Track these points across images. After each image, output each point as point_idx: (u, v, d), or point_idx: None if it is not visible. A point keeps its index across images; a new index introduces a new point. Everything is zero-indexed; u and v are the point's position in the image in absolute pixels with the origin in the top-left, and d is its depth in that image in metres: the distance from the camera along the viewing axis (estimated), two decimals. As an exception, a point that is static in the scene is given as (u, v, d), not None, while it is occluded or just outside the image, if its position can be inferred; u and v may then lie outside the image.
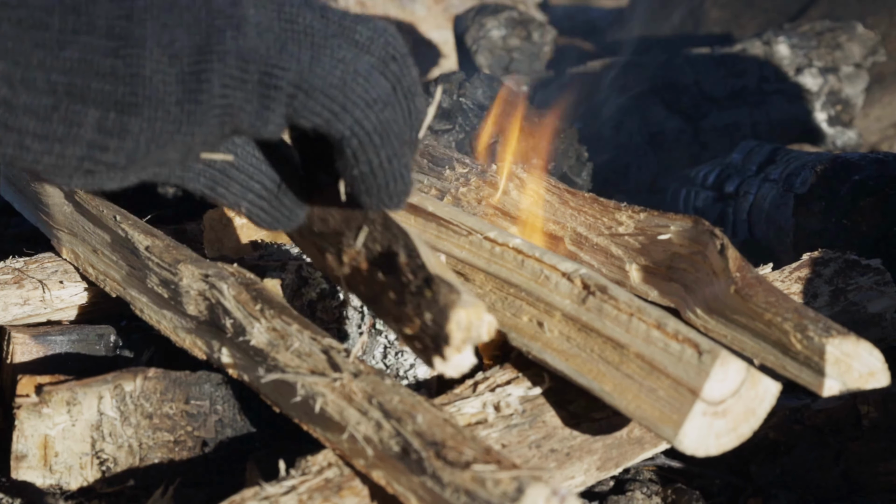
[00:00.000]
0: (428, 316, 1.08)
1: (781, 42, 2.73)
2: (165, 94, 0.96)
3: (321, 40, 1.01)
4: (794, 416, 1.38)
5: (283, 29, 1.00)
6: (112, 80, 0.94)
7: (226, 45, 0.97)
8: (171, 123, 0.97)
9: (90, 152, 0.96)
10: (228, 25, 0.97)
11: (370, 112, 1.01)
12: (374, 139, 1.02)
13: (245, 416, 1.32)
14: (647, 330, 1.17)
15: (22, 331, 1.44)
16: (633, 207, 1.45)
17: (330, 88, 1.00)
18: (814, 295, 1.46)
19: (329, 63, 1.00)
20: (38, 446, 1.28)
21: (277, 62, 0.99)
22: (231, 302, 1.27)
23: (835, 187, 1.82)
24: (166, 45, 0.95)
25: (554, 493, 0.98)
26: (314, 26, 1.01)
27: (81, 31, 0.93)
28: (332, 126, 1.01)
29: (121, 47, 0.94)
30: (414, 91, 1.06)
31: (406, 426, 1.07)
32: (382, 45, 1.04)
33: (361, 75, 1.01)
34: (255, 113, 1.00)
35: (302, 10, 1.01)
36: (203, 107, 0.97)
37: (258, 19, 0.99)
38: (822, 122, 2.69)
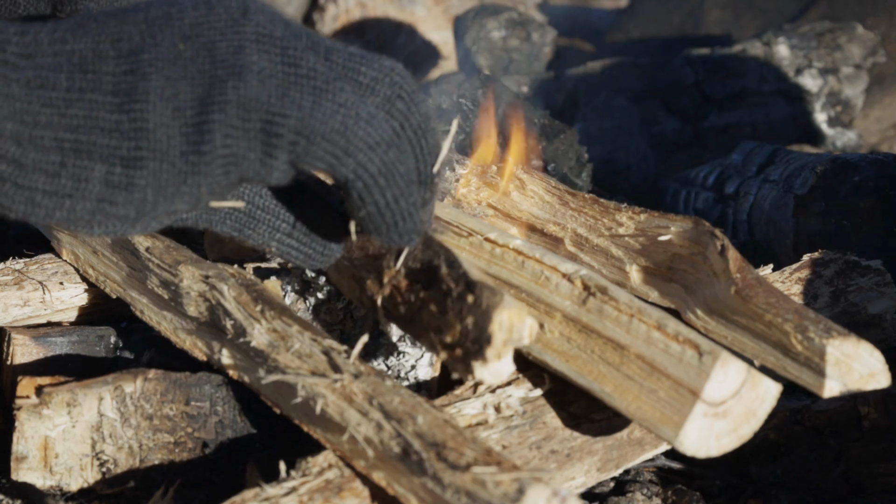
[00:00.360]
0: (470, 320, 1.09)
1: (781, 43, 2.73)
2: (170, 147, 0.97)
3: (323, 84, 1.01)
4: (794, 418, 1.38)
5: (285, 73, 1.00)
6: (117, 136, 0.96)
7: (227, 96, 0.98)
8: (177, 175, 0.98)
9: (100, 206, 0.97)
10: (230, 74, 0.98)
11: (374, 155, 1.02)
12: (380, 181, 1.03)
13: (245, 418, 1.32)
14: (648, 331, 1.17)
15: (22, 332, 1.44)
16: (634, 208, 1.45)
17: (332, 133, 1.00)
18: (814, 296, 1.46)
19: (331, 108, 1.00)
20: (39, 447, 1.28)
21: (279, 110, 0.99)
22: (231, 303, 1.27)
23: (835, 188, 1.82)
24: (169, 98, 0.97)
25: (555, 494, 0.98)
26: (317, 69, 1.01)
27: (88, 88, 0.95)
28: (336, 170, 1.02)
29: (125, 102, 0.96)
30: (424, 128, 1.06)
31: (407, 427, 1.07)
32: (388, 85, 1.04)
33: (363, 118, 1.01)
34: (259, 161, 1.00)
35: (306, 54, 1.02)
36: (206, 157, 0.98)
37: (261, 65, 0.99)
38: (822, 122, 2.69)
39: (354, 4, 3.46)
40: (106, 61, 0.96)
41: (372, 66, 1.05)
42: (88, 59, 0.96)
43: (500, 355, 1.09)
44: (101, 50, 0.96)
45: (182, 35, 0.99)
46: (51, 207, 0.96)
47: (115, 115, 0.96)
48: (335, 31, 3.45)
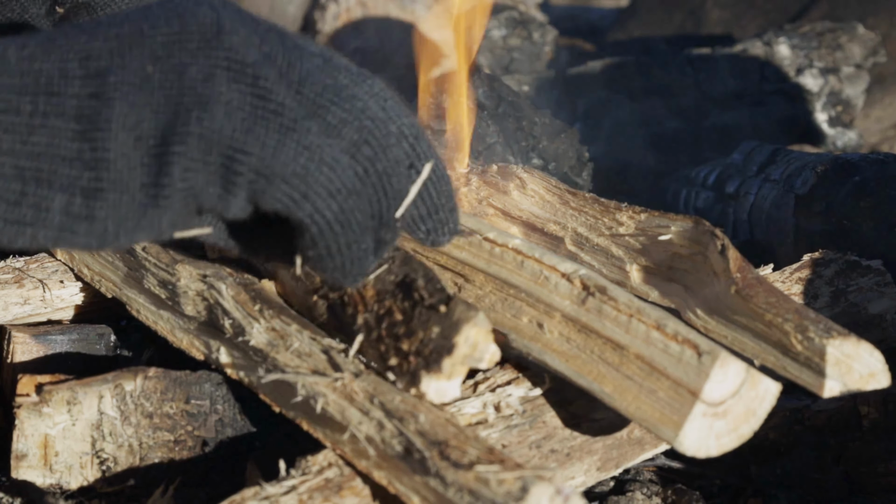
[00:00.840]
0: (435, 329, 1.09)
1: (782, 43, 2.73)
2: (130, 179, 0.95)
3: (290, 123, 0.99)
4: (794, 417, 1.38)
5: (253, 107, 0.98)
6: (78, 165, 0.94)
7: (190, 127, 0.96)
8: (137, 208, 0.96)
9: (61, 235, 0.96)
10: (196, 105, 0.96)
11: (332, 202, 1.00)
12: (335, 227, 1.02)
13: (245, 416, 1.32)
14: (647, 331, 1.17)
15: (22, 330, 1.44)
16: (634, 208, 1.45)
17: (292, 177, 0.99)
18: (814, 296, 1.46)
19: (294, 149, 0.99)
20: (39, 446, 1.28)
21: (241, 146, 0.97)
22: (230, 302, 1.27)
23: (835, 188, 1.82)
24: (132, 128, 0.95)
25: (558, 492, 0.98)
26: (286, 105, 0.99)
27: (51, 113, 0.94)
28: (292, 212, 1.00)
29: (87, 130, 0.94)
30: (389, 173, 1.04)
31: (408, 426, 1.07)
32: (356, 129, 1.03)
33: (327, 163, 1.00)
34: (218, 196, 0.99)
35: (277, 86, 1.00)
36: (166, 191, 0.96)
37: (229, 97, 0.98)
38: (823, 122, 2.69)
39: (355, 3, 3.46)
40: (72, 82, 0.95)
41: (343, 105, 1.03)
42: (55, 79, 0.94)
43: (453, 374, 1.10)
44: (67, 70, 0.95)
45: (152, 55, 0.97)
46: (12, 235, 0.95)
47: (76, 143, 0.94)
48: (336, 29, 3.45)
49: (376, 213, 1.05)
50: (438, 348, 1.09)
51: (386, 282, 1.16)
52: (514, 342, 1.27)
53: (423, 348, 1.10)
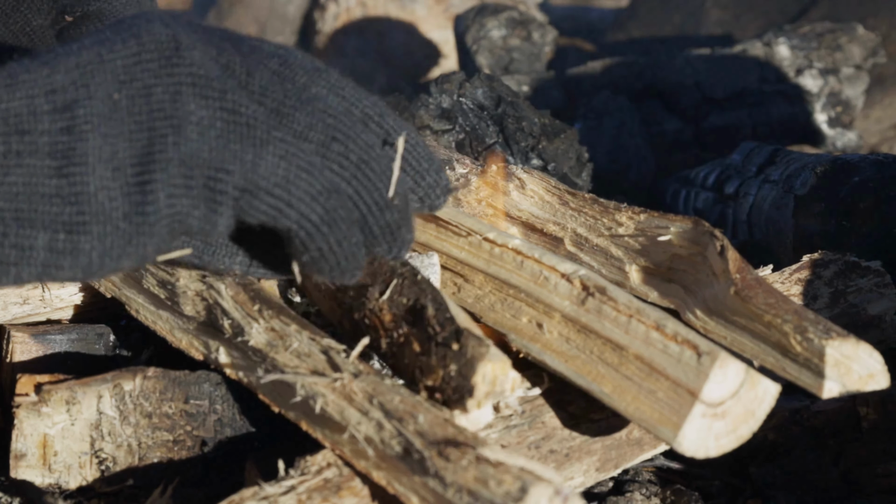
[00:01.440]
0: (453, 367, 1.10)
1: (782, 43, 2.73)
2: (112, 210, 0.95)
3: (264, 135, 1.00)
4: (793, 418, 1.38)
5: (224, 122, 0.99)
6: (58, 202, 0.94)
7: (167, 153, 0.96)
8: (121, 238, 0.97)
9: (45, 270, 0.96)
10: (169, 128, 0.97)
11: (315, 205, 1.02)
12: (322, 228, 1.03)
13: (244, 416, 1.32)
14: (647, 331, 1.17)
15: (21, 330, 1.44)
16: (634, 208, 1.45)
17: (274, 188, 1.00)
18: (814, 297, 1.46)
19: (272, 161, 1.00)
20: (38, 445, 1.28)
21: (221, 165, 0.98)
22: (229, 302, 1.27)
23: (835, 189, 1.82)
24: (108, 158, 0.95)
25: (557, 492, 0.98)
26: (257, 118, 1.00)
27: (25, 152, 0.93)
28: (279, 222, 1.01)
29: (64, 166, 0.94)
30: (365, 159, 1.05)
31: (408, 426, 1.07)
32: (321, 130, 1.04)
33: (304, 169, 1.01)
34: (203, 217, 0.99)
35: (242, 99, 1.00)
36: (151, 218, 0.97)
37: (199, 115, 0.98)
38: (823, 123, 2.69)
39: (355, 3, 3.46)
40: (41, 118, 0.94)
41: (305, 109, 1.04)
42: (24, 117, 0.94)
43: (481, 405, 1.10)
44: (35, 106, 0.94)
45: (116, 80, 0.97)
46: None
47: (54, 179, 0.94)
48: (336, 29, 3.45)
49: (367, 202, 1.06)
50: (459, 388, 1.10)
51: (399, 305, 1.16)
52: (513, 342, 1.27)
53: (446, 387, 1.11)
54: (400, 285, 1.17)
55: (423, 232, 1.41)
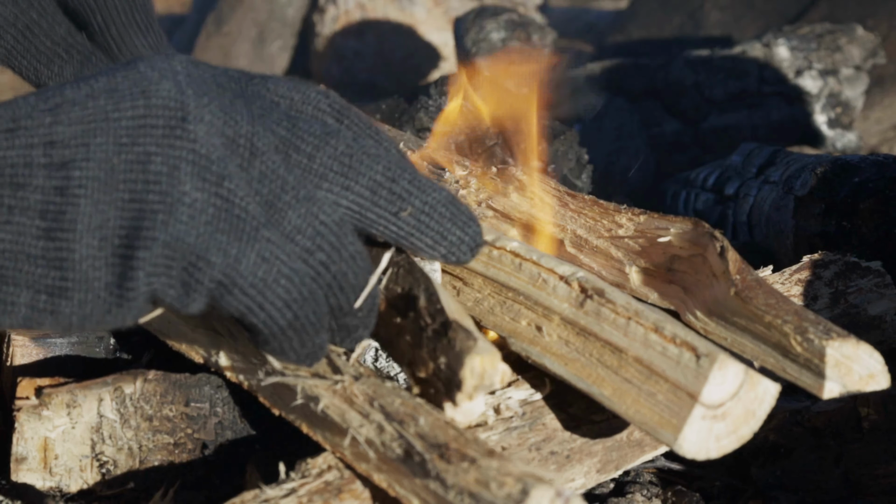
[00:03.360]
0: (443, 360, 1.09)
1: (781, 44, 2.73)
2: (94, 280, 0.96)
3: (252, 231, 1.00)
4: (794, 419, 1.38)
5: (216, 210, 0.99)
6: (43, 264, 0.95)
7: (155, 232, 0.96)
8: (101, 307, 0.97)
9: (27, 323, 0.97)
10: (161, 206, 0.97)
11: (287, 311, 1.02)
12: (288, 332, 1.03)
13: (245, 419, 1.32)
14: (645, 333, 1.17)
15: (22, 333, 1.44)
16: (633, 210, 1.45)
17: (249, 288, 1.00)
18: (814, 297, 1.46)
19: (254, 261, 0.99)
20: (38, 448, 1.28)
21: (204, 254, 0.98)
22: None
23: (835, 189, 1.82)
24: (97, 228, 0.95)
25: (558, 494, 0.98)
26: (248, 211, 1.00)
27: (16, 209, 0.94)
28: (246, 318, 1.01)
29: (53, 229, 0.95)
30: (344, 272, 1.05)
31: (408, 429, 1.07)
32: (310, 237, 1.03)
33: (284, 275, 1.01)
34: (178, 298, 0.99)
35: (238, 187, 1.00)
36: (131, 293, 0.97)
37: (193, 197, 0.98)
38: (822, 124, 2.69)
39: (354, 6, 3.46)
40: (36, 172, 0.94)
41: (298, 210, 1.03)
42: (20, 169, 0.94)
43: (472, 398, 1.09)
44: (32, 157, 0.95)
45: (117, 142, 0.96)
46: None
47: (41, 241, 0.95)
48: (335, 32, 3.46)
49: (334, 308, 1.07)
50: (448, 382, 1.09)
51: (394, 293, 1.16)
52: (513, 345, 1.27)
53: (436, 380, 1.11)
54: (395, 274, 1.16)
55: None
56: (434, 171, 1.65)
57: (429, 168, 1.66)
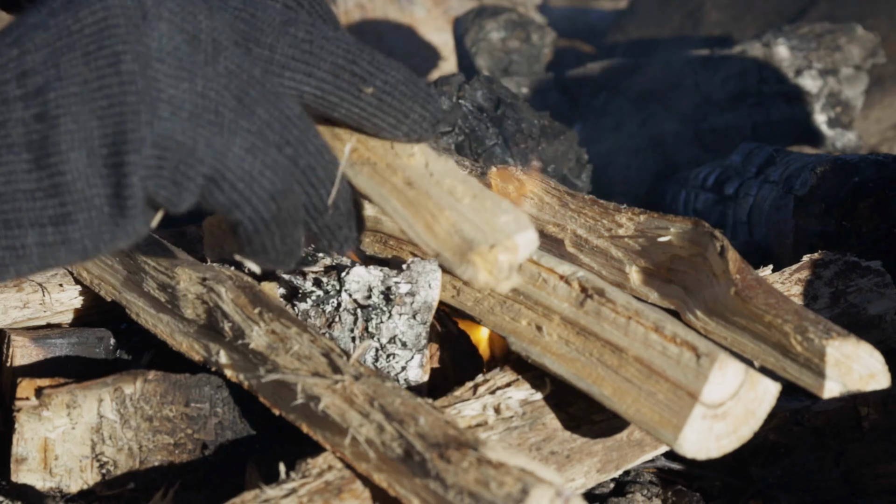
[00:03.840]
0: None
1: (781, 44, 2.73)
2: (93, 197, 0.95)
3: (231, 124, 0.99)
4: (794, 418, 1.38)
5: (194, 105, 0.98)
6: (40, 196, 0.94)
7: (140, 132, 0.95)
8: (108, 221, 0.97)
9: (43, 263, 0.97)
10: (142, 105, 0.95)
11: (272, 204, 1.02)
12: (271, 227, 1.03)
13: (245, 419, 1.32)
14: (646, 333, 1.17)
15: (22, 334, 1.44)
16: (633, 209, 1.45)
17: (238, 182, 1.00)
18: (814, 297, 1.46)
19: (239, 154, 0.99)
20: (38, 449, 1.28)
21: (193, 150, 0.97)
22: (229, 305, 1.27)
23: (835, 189, 1.82)
24: (82, 142, 0.94)
25: (558, 494, 0.98)
26: (225, 104, 0.99)
27: (2, 148, 0.93)
28: (232, 213, 1.01)
29: (40, 157, 0.94)
30: (312, 166, 1.05)
31: (408, 428, 1.07)
32: (278, 131, 1.03)
33: (269, 167, 1.01)
34: (169, 198, 0.99)
35: (211, 82, 0.99)
36: (130, 201, 0.96)
37: (171, 93, 0.97)
38: (822, 123, 2.69)
39: (354, 5, 3.46)
40: (14, 106, 0.94)
41: (265, 105, 1.02)
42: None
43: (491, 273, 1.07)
44: (7, 93, 0.94)
45: (84, 53, 0.95)
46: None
47: (33, 173, 0.94)
48: (335, 32, 3.45)
49: (308, 206, 1.06)
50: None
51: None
52: (513, 345, 1.27)
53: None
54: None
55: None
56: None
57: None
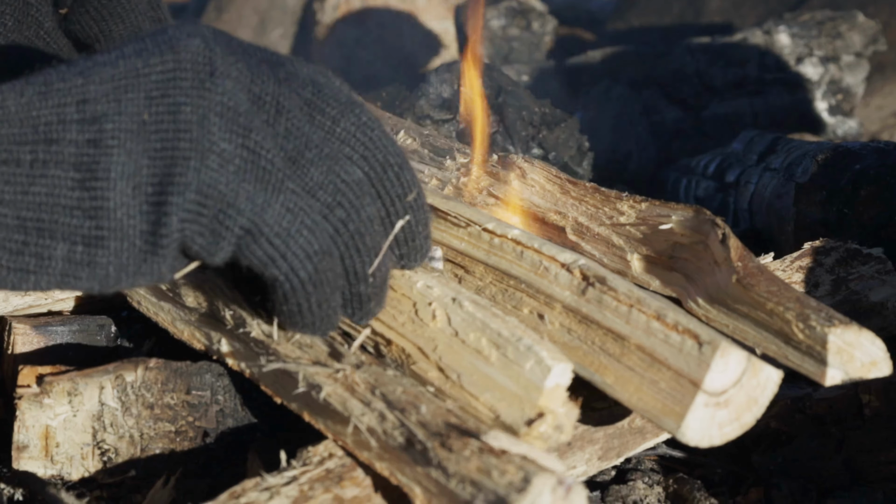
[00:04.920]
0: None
1: (782, 31, 2.72)
2: (129, 227, 0.97)
3: (277, 183, 1.02)
4: (795, 406, 1.38)
5: (243, 160, 1.00)
6: (79, 214, 0.96)
7: (187, 178, 0.98)
8: (138, 255, 0.99)
9: (64, 280, 0.98)
10: (192, 151, 0.98)
11: (308, 263, 1.04)
12: (308, 287, 1.05)
13: (246, 407, 1.32)
14: (647, 321, 1.17)
15: (23, 321, 1.44)
16: (635, 197, 1.45)
17: (275, 237, 1.02)
18: (815, 284, 1.46)
19: (280, 211, 1.01)
20: (40, 437, 1.28)
21: (233, 202, 1.00)
22: (230, 293, 1.27)
23: (836, 176, 1.82)
24: (130, 176, 0.97)
25: (560, 482, 0.98)
26: (274, 163, 1.02)
27: (50, 163, 0.95)
28: (268, 270, 1.03)
29: (87, 179, 0.96)
30: (362, 232, 1.07)
31: (410, 417, 1.07)
32: (331, 192, 1.05)
33: (307, 226, 1.03)
34: (206, 247, 1.01)
35: (265, 140, 1.02)
36: (165, 240, 0.98)
37: (222, 147, 0.99)
38: (823, 111, 2.69)
39: (357, -7, 3.45)
40: (69, 127, 0.96)
41: (320, 167, 1.05)
42: (53, 125, 0.96)
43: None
44: (65, 115, 0.96)
45: (147, 96, 0.98)
46: (16, 282, 0.98)
47: (76, 192, 0.96)
48: (336, 20, 3.45)
49: (349, 271, 1.09)
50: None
51: None
52: (515, 332, 1.27)
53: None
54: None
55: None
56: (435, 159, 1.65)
57: (430, 155, 1.66)
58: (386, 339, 1.20)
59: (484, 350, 1.14)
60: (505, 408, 1.11)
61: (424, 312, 1.19)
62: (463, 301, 1.18)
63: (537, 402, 1.10)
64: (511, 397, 1.11)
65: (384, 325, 1.21)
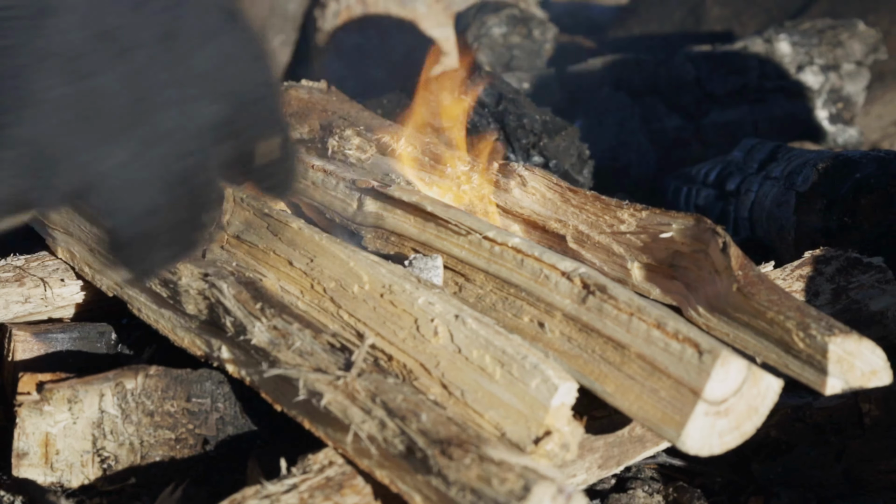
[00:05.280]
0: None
1: (782, 40, 2.73)
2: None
3: (115, 131, 0.96)
4: (795, 415, 1.38)
5: (82, 107, 0.95)
6: None
7: (18, 130, 0.93)
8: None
9: None
10: (24, 102, 0.93)
11: (137, 225, 0.99)
12: (138, 243, 1.01)
13: (246, 414, 1.32)
14: (648, 329, 1.17)
15: (23, 328, 1.44)
16: (635, 205, 1.45)
17: (105, 191, 0.97)
18: (815, 293, 1.46)
19: (112, 166, 0.97)
20: (40, 444, 1.28)
21: (65, 156, 0.95)
22: (231, 301, 1.27)
23: (836, 185, 1.82)
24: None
25: (560, 490, 0.98)
26: (114, 109, 0.96)
27: None
28: (103, 220, 0.99)
29: None
30: (210, 180, 1.02)
31: (411, 425, 1.07)
32: (178, 141, 0.99)
33: (145, 182, 0.98)
34: (38, 199, 0.97)
35: (107, 84, 0.96)
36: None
37: (57, 93, 0.94)
38: (824, 119, 2.69)
39: (356, 1, 3.46)
40: None
41: (168, 111, 0.99)
42: None
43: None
44: None
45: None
46: None
47: None
48: (336, 27, 3.45)
49: (185, 221, 1.03)
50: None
51: None
52: (515, 340, 1.27)
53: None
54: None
55: (424, 231, 1.41)
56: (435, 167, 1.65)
57: (429, 163, 1.66)
58: (387, 355, 1.20)
59: (488, 367, 1.14)
60: (510, 426, 1.11)
61: (426, 329, 1.19)
62: (466, 318, 1.18)
63: (543, 421, 1.10)
64: (517, 415, 1.11)
65: (384, 340, 1.21)
